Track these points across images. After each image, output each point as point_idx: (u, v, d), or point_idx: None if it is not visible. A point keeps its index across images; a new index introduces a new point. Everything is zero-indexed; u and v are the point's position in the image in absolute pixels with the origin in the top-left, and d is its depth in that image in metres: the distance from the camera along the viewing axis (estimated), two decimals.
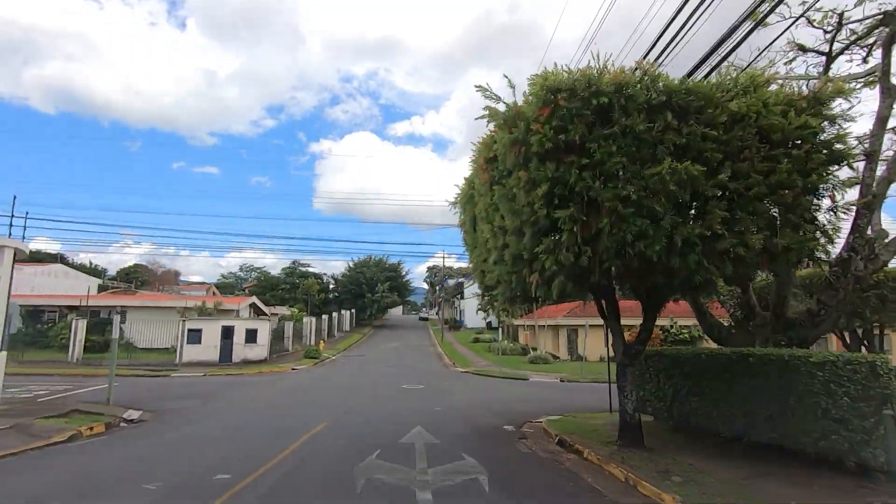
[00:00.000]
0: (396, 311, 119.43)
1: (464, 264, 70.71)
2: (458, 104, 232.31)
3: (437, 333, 55.18)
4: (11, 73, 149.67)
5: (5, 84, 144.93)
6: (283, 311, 44.99)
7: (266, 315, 38.98)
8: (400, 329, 64.54)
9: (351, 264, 67.95)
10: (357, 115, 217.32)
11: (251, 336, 26.42)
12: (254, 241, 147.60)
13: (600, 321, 12.44)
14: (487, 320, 60.28)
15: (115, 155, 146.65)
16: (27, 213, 41.61)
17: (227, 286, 72.18)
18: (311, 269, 70.27)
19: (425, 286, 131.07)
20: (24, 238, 29.57)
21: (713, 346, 11.48)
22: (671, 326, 28.49)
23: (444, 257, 48.79)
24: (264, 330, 27.14)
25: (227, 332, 25.66)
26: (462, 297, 65.21)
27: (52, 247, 60.37)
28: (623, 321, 9.62)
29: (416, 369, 25.95)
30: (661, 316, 10.29)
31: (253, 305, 36.54)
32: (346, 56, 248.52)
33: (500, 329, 37.74)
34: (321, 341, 34.62)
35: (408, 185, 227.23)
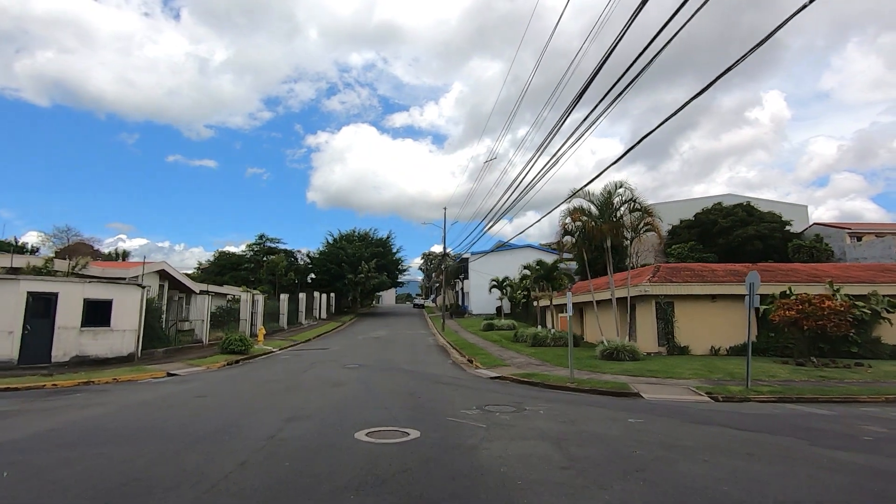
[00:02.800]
0: (389, 300, 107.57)
1: (462, 252, 58.45)
2: (458, 94, 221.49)
3: (437, 320, 43.15)
4: (4, 63, 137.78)
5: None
6: (237, 292, 32.76)
7: (193, 292, 26.85)
8: (390, 317, 52.44)
9: (330, 239, 55.74)
10: (355, 105, 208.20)
11: (99, 314, 14.31)
12: (243, 233, 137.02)
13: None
14: (498, 305, 48.43)
15: (112, 147, 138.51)
16: None
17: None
18: (281, 246, 58.05)
19: (419, 279, 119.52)
20: None
21: None
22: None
23: (444, 210, 36.54)
24: (128, 304, 15.03)
25: (43, 305, 13.50)
26: (466, 277, 53.05)
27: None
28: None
29: (405, 373, 14.01)
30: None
31: (163, 275, 24.38)
32: (344, 46, 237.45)
33: (519, 309, 26.04)
34: (261, 329, 22.51)
35: (405, 177, 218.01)
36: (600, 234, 16.23)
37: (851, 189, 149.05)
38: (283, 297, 33.11)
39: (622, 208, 16.12)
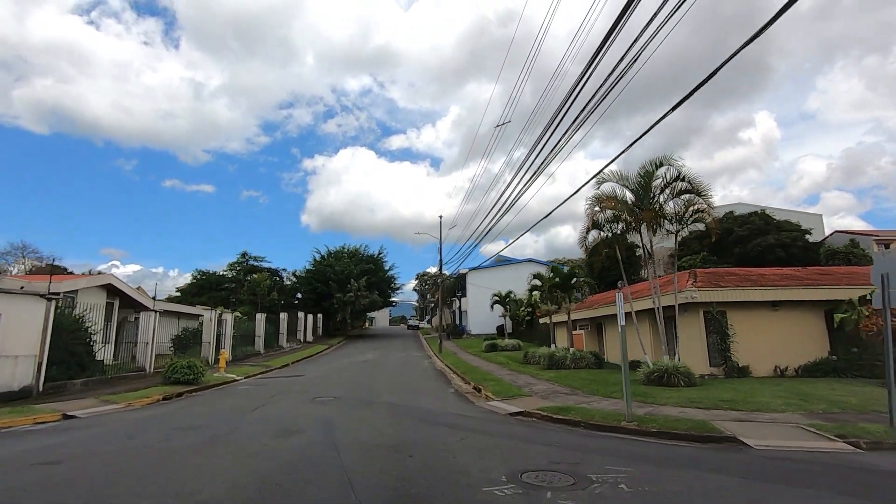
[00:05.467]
0: (382, 322, 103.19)
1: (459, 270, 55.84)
2: (454, 117, 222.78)
3: (432, 342, 39.34)
4: (2, 91, 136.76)
5: None
6: (202, 311, 28.86)
7: (149, 310, 23.06)
8: (382, 338, 48.47)
9: (318, 256, 51.98)
10: (352, 128, 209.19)
11: None
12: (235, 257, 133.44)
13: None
14: (500, 324, 44.68)
15: (109, 173, 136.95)
16: None
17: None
18: (265, 265, 54.27)
19: (413, 302, 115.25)
20: None
21: None
22: None
23: (440, 218, 33.14)
24: (22, 321, 11.31)
25: None
26: (463, 295, 49.39)
27: None
28: None
29: (392, 409, 10.33)
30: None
31: (112, 291, 20.68)
32: (340, 70, 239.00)
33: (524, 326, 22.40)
34: (223, 353, 18.70)
35: (399, 199, 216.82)
36: (636, 225, 12.88)
37: (842, 207, 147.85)
38: (260, 316, 29.28)
39: (664, 192, 12.79)
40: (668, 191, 12.61)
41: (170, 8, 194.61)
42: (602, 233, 13.89)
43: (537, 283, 21.66)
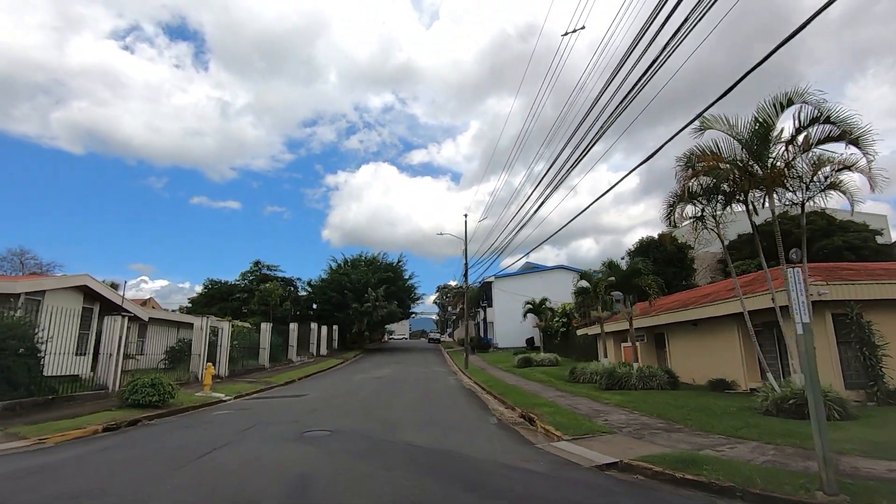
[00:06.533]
0: (402, 334, 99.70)
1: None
2: (475, 131, 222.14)
3: (456, 356, 35.72)
4: (42, 114, 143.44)
5: (34, 125, 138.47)
6: (221, 324, 25.84)
7: (139, 318, 20.12)
8: (401, 352, 44.94)
9: (334, 265, 48.99)
10: (374, 143, 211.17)
11: None
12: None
13: None
14: (530, 336, 40.68)
15: (139, 191, 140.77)
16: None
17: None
18: (280, 274, 51.60)
19: (434, 316, 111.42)
20: None
21: None
22: None
23: (465, 217, 29.49)
24: None
25: None
26: (489, 304, 45.62)
27: None
28: None
29: (410, 454, 6.83)
30: None
31: (90, 294, 17.81)
32: (362, 87, 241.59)
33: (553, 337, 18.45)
34: (209, 368, 15.42)
35: (420, 213, 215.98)
36: (749, 187, 9.24)
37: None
38: (265, 326, 26.15)
39: (795, 143, 9.12)
40: (800, 139, 8.90)
41: (199, 31, 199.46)
42: (696, 205, 10.23)
43: (584, 284, 17.95)
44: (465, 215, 28.79)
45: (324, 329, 39.65)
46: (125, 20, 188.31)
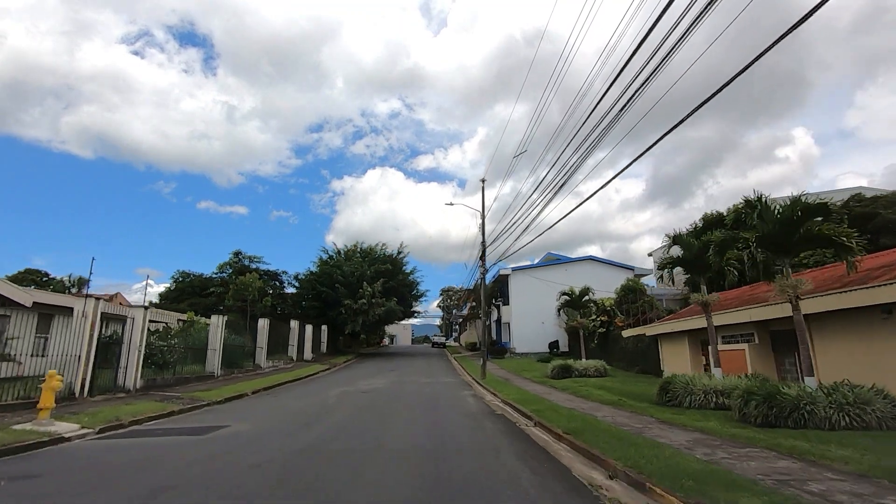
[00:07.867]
0: (404, 339, 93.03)
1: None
2: (481, 137, 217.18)
3: (466, 362, 29.27)
4: (52, 118, 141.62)
5: (45, 130, 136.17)
6: (132, 312, 19.29)
7: (23, 306, 13.80)
8: (401, 357, 38.43)
9: (324, 256, 42.30)
10: (381, 147, 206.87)
11: None
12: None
13: None
14: (553, 339, 34.07)
15: (147, 196, 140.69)
16: None
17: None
18: (263, 266, 45.33)
19: (437, 321, 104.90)
20: None
21: None
22: None
23: (483, 182, 23.16)
24: None
25: None
26: (505, 303, 39.06)
27: None
28: None
29: None
30: None
31: None
32: (369, 93, 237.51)
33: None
34: (49, 384, 9.06)
35: (425, 218, 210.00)
36: None
37: None
38: (217, 320, 19.75)
39: None
40: None
41: (208, 36, 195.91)
42: None
43: (676, 253, 11.47)
44: (483, 180, 22.04)
45: (309, 329, 33.19)
46: (136, 26, 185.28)
